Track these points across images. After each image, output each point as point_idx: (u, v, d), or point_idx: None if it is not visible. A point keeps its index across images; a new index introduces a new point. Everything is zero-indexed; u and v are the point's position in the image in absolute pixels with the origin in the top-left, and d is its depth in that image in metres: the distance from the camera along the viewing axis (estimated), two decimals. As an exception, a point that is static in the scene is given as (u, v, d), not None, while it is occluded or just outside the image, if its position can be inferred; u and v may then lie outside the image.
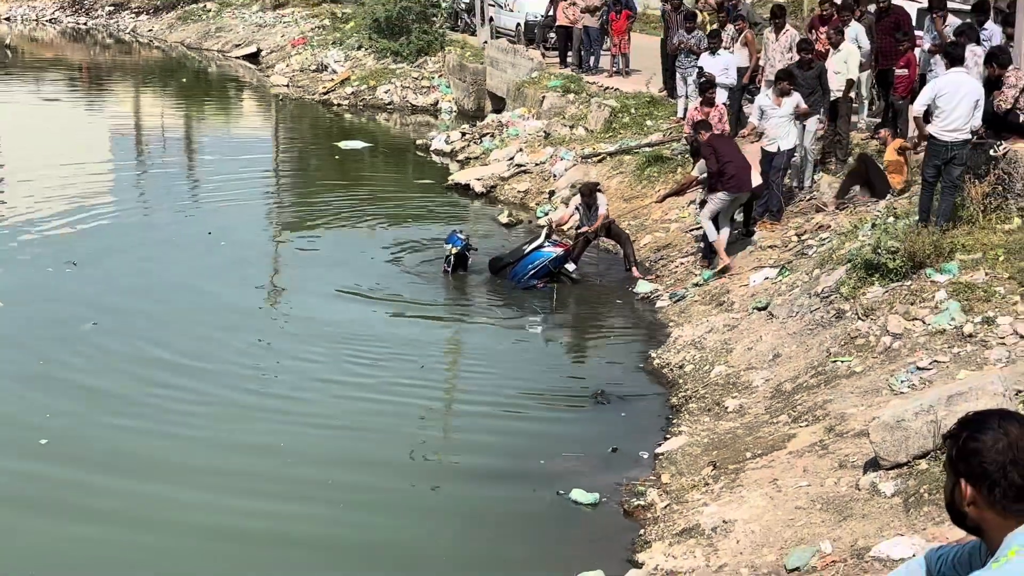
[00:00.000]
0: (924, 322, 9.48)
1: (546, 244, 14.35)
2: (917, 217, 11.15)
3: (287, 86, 33.18)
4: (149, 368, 11.47)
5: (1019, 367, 8.29)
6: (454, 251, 14.60)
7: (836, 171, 14.59)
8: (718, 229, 13.31)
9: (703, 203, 13.64)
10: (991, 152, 11.20)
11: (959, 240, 10.37)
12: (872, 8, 16.38)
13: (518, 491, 8.95)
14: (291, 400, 10.78)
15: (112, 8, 50.75)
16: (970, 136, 10.94)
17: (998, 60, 11.35)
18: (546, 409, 10.72)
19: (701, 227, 13.87)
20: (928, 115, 11.00)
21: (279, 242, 17.11)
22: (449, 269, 14.64)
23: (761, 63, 16.57)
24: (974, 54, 12.30)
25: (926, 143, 11.22)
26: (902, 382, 8.73)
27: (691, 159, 15.13)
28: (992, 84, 11.42)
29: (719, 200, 13.19)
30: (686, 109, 18.03)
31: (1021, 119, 11.21)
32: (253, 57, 38.87)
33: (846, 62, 14.53)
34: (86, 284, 14.13)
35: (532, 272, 14.20)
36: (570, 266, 14.44)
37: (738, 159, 13.21)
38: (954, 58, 11.25)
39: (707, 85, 15.21)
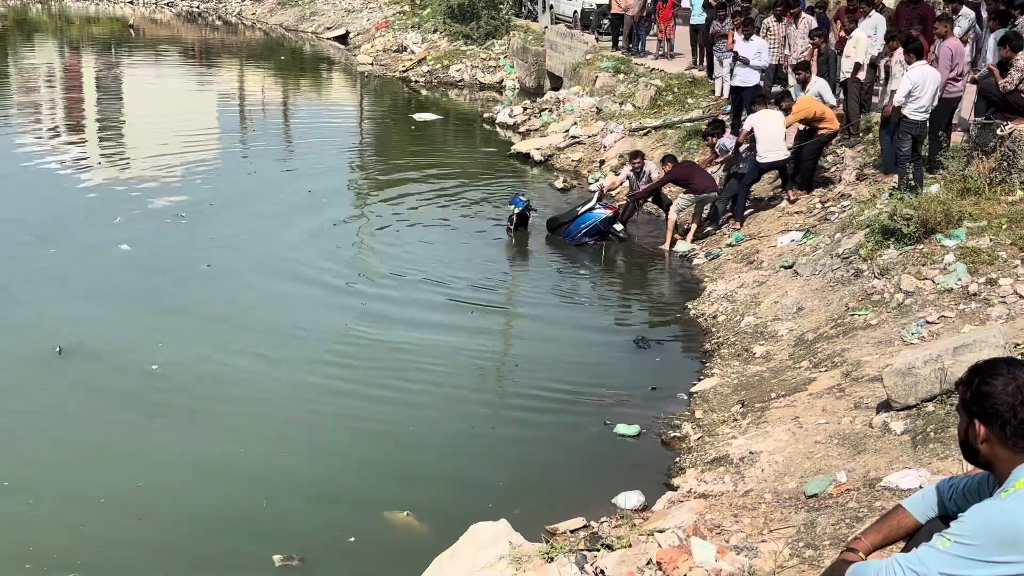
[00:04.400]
0: (934, 282, 9.31)
1: (597, 206, 14.26)
2: (906, 190, 11.25)
3: (371, 64, 33.14)
4: (252, 306, 11.61)
5: (1018, 323, 8.14)
6: (516, 211, 14.55)
7: (852, 143, 14.36)
8: (687, 219, 14.12)
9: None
10: (998, 132, 10.94)
11: (967, 209, 10.16)
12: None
13: (570, 422, 8.96)
14: (368, 338, 10.79)
15: (221, -6, 50.98)
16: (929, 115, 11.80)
17: (1012, 43, 11.07)
18: (594, 352, 10.69)
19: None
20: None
21: (367, 197, 17.18)
22: (512, 227, 14.60)
23: (786, 52, 16.32)
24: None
25: (899, 122, 11.80)
26: (913, 334, 8.60)
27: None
28: (1002, 65, 11.13)
29: (687, 199, 13.91)
30: (723, 88, 17.89)
31: None
32: (342, 39, 38.87)
33: (855, 47, 14.22)
34: (198, 233, 14.28)
35: (584, 231, 14.12)
36: (618, 226, 14.34)
37: (699, 174, 13.91)
38: (918, 51, 11.92)
39: (714, 125, 14.92)
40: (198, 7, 50.38)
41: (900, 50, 12.48)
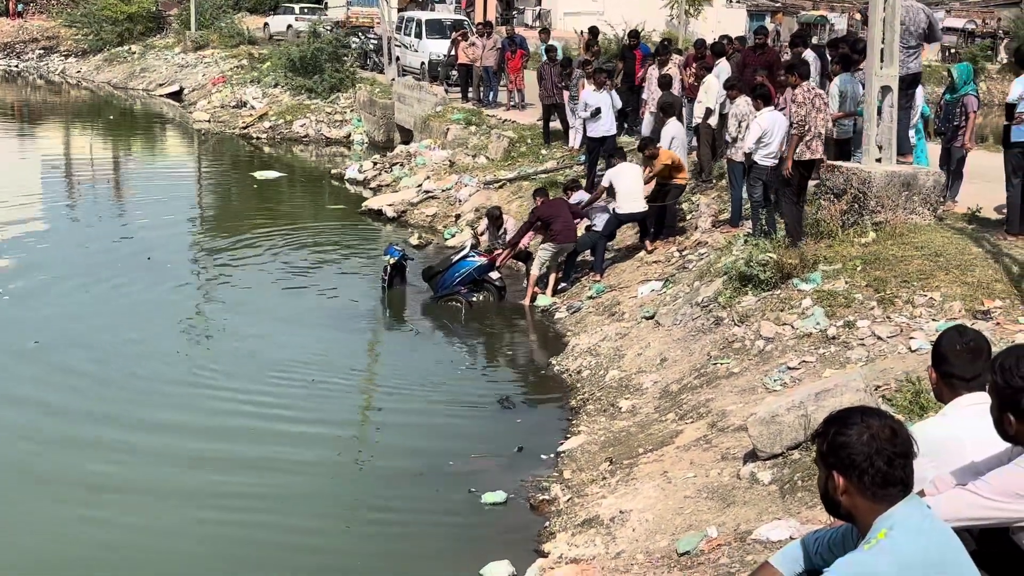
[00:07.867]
0: (793, 327, 9.65)
1: (472, 254, 14.33)
2: (760, 236, 11.68)
3: (209, 121, 32.68)
4: (86, 390, 11.16)
5: (878, 365, 8.48)
6: (391, 261, 14.47)
7: (703, 188, 14.89)
8: (547, 273, 14.19)
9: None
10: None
11: (821, 253, 10.57)
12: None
13: (434, 492, 8.87)
14: (215, 411, 10.54)
15: (42, 51, 49.51)
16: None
17: (798, 70, 11.77)
18: (456, 414, 10.67)
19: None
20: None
21: (206, 261, 16.76)
22: (386, 278, 14.47)
23: (644, 96, 16.92)
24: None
25: (750, 168, 12.24)
26: (775, 381, 8.88)
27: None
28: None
29: (548, 249, 13.97)
30: (576, 138, 18.35)
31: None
32: (176, 95, 38.24)
33: (706, 93, 14.86)
34: (22, 309, 13.67)
35: (459, 279, 14.14)
36: (493, 274, 14.39)
37: (563, 217, 13.95)
38: (766, 97, 12.24)
39: (570, 184, 15.37)
40: (17, 66, 48.80)
41: (741, 98, 12.98)
